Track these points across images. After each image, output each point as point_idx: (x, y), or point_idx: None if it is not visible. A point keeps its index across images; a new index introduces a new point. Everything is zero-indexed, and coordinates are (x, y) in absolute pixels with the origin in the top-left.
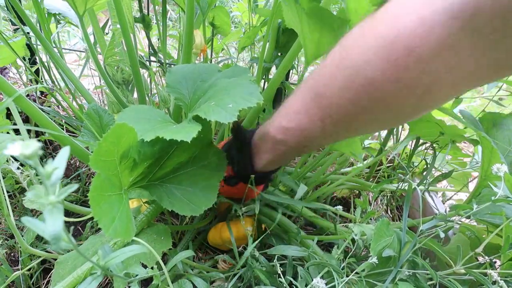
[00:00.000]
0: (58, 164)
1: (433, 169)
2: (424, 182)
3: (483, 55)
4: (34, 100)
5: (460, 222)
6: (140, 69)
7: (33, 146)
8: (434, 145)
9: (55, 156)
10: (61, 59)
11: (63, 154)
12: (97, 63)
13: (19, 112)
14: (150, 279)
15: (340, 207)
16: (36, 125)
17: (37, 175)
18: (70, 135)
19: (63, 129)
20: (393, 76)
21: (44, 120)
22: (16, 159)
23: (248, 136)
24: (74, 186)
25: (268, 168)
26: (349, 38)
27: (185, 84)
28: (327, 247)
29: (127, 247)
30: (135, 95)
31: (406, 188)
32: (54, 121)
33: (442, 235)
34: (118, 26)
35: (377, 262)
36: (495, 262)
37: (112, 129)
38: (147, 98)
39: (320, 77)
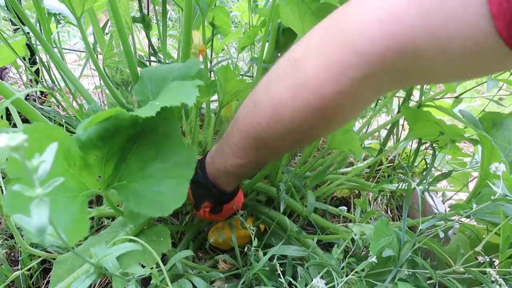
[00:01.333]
0: (45, 157)
1: (433, 169)
2: (424, 182)
3: (380, 92)
4: (34, 100)
5: (460, 222)
6: (140, 69)
7: (19, 138)
8: (434, 145)
9: None
10: (61, 59)
11: (51, 149)
12: (96, 64)
13: (18, 113)
14: (149, 279)
15: (344, 207)
16: None
17: None
18: (70, 135)
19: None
20: (322, 125)
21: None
22: None
23: (203, 176)
24: (60, 179)
25: (237, 184)
26: (280, 90)
27: (149, 84)
28: (327, 247)
29: (120, 245)
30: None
31: (406, 188)
32: (54, 121)
33: (442, 234)
34: None
35: (376, 262)
36: (495, 261)
37: (25, 129)
38: None
39: (259, 126)
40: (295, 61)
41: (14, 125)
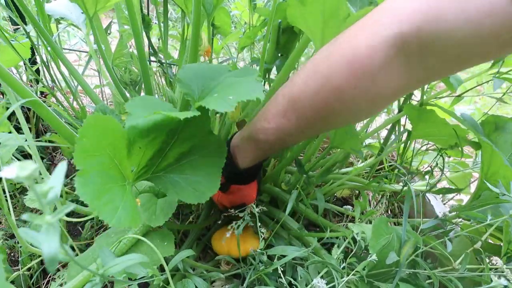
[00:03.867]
0: (55, 182)
1: (435, 169)
2: (427, 184)
3: (413, 72)
4: None
5: (461, 224)
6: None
7: (29, 168)
8: (441, 151)
9: (55, 156)
10: (67, 59)
11: (60, 171)
12: (106, 64)
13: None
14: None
15: (349, 207)
16: (36, 125)
17: (40, 173)
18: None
19: None
20: (352, 84)
21: (57, 121)
22: (17, 159)
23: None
24: (71, 206)
25: (251, 164)
26: (319, 56)
27: (195, 80)
28: (330, 247)
29: (126, 256)
30: (142, 95)
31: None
32: None
33: (450, 247)
34: (126, 27)
35: (377, 260)
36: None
37: (87, 122)
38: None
39: (294, 85)
40: (338, 36)
41: (17, 123)
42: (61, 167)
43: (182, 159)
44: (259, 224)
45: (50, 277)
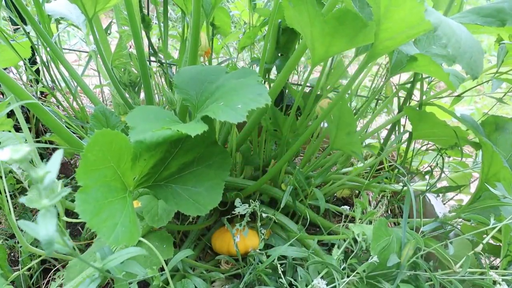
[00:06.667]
0: (51, 167)
1: (436, 169)
2: (427, 185)
3: None
4: None
5: (460, 225)
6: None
7: (22, 150)
8: (441, 151)
9: None
10: (66, 60)
11: (56, 158)
12: (106, 65)
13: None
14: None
15: (346, 207)
16: (36, 125)
17: None
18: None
19: None
20: None
21: (56, 124)
22: None
23: None
24: (67, 190)
25: None
26: None
27: (192, 85)
28: (331, 247)
29: (124, 250)
30: (141, 95)
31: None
32: None
33: (452, 251)
34: (125, 28)
35: (378, 261)
36: (497, 267)
37: (93, 138)
38: (156, 100)
39: None
40: None
41: (17, 123)
42: (57, 155)
43: (185, 169)
44: (259, 223)
45: (50, 277)
